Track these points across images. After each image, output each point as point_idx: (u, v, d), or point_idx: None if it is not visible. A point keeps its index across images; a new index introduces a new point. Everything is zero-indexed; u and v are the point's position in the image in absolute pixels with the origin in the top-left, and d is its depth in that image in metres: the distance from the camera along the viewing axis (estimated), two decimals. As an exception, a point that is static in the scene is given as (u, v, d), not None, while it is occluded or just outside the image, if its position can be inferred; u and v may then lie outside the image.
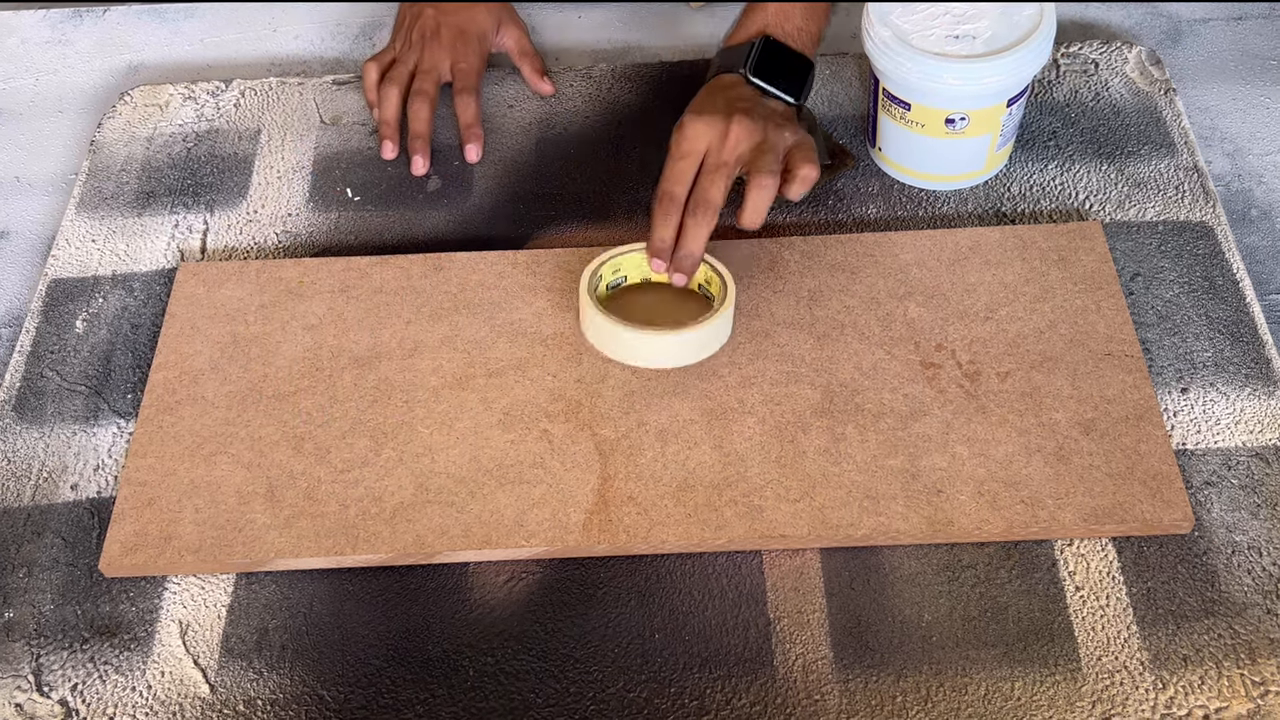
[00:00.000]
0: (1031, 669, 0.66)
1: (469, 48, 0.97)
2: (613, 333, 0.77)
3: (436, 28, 0.97)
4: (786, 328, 0.79)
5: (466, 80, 0.95)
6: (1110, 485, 0.71)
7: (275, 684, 0.68)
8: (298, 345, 0.80)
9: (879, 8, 0.84)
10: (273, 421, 0.76)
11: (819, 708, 0.66)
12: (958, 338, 0.78)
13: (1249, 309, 0.81)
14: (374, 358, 0.79)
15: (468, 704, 0.67)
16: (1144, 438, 0.73)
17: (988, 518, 0.70)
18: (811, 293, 0.81)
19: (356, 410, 0.77)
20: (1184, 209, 0.87)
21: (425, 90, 0.94)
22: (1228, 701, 0.65)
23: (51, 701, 0.68)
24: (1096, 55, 0.97)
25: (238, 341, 0.81)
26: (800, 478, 0.72)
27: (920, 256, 0.83)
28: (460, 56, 0.96)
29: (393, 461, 0.74)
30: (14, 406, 0.81)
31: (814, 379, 0.77)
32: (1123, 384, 0.75)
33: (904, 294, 0.81)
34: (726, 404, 0.76)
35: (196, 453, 0.75)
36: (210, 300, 0.83)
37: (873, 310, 0.80)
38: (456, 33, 0.97)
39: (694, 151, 0.79)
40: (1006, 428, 0.74)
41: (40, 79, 1.06)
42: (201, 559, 0.71)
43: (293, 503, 0.73)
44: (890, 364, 0.77)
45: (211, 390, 0.78)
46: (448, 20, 0.97)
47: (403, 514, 0.72)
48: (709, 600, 0.70)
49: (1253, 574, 0.69)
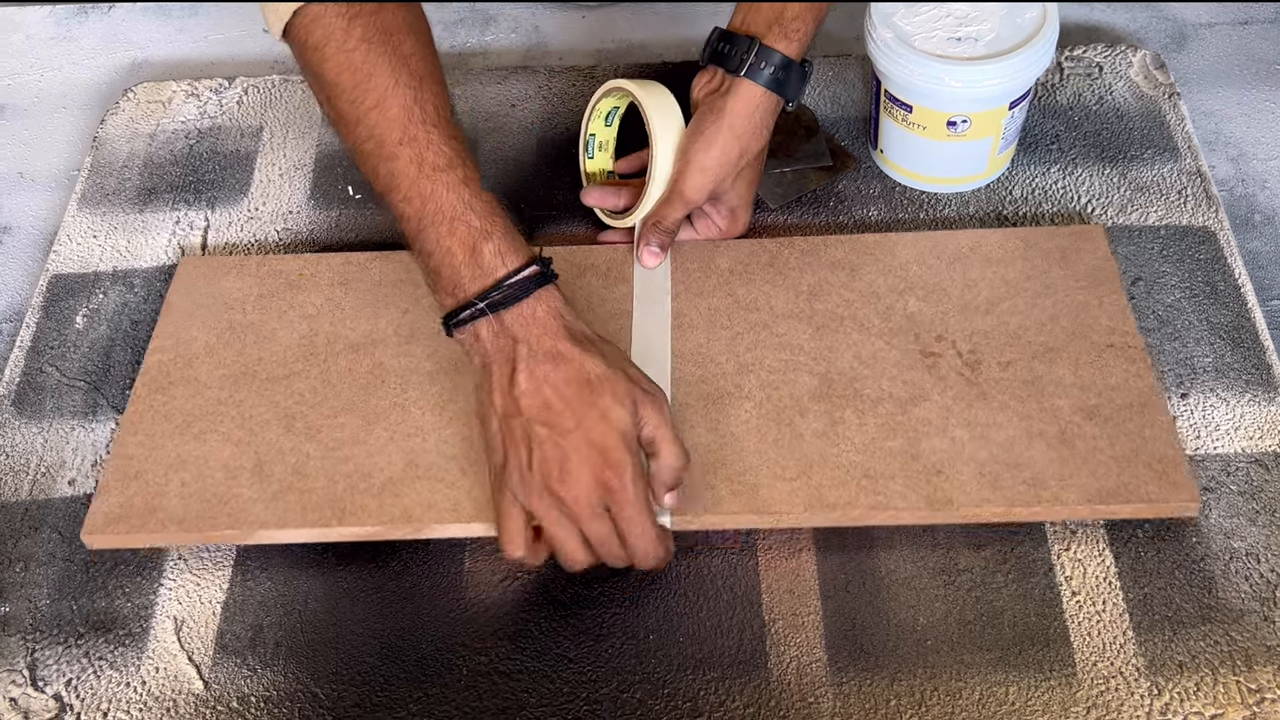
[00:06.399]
0: (1027, 674, 0.66)
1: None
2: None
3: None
4: (785, 319, 0.79)
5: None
6: (1115, 467, 0.70)
7: (269, 681, 0.68)
8: (294, 332, 0.81)
9: (881, 9, 0.84)
10: (265, 402, 0.77)
11: (813, 711, 0.65)
12: (958, 330, 0.78)
13: (1250, 314, 0.80)
14: (370, 343, 0.79)
15: (461, 703, 0.67)
16: (1148, 423, 0.72)
17: (988, 496, 0.69)
18: (811, 288, 0.81)
19: (350, 392, 0.77)
20: (1187, 214, 0.86)
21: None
22: (1223, 708, 0.64)
23: (46, 696, 0.68)
24: (1100, 58, 0.97)
25: (234, 328, 0.81)
26: (797, 458, 0.72)
27: (921, 255, 0.82)
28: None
29: (384, 440, 0.74)
30: (13, 401, 0.81)
31: (812, 366, 0.76)
32: (1125, 373, 0.75)
33: (904, 289, 0.80)
34: (723, 389, 0.76)
35: (186, 430, 0.75)
36: (210, 291, 0.84)
37: (872, 304, 0.80)
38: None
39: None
40: (1008, 413, 0.73)
41: (44, 75, 1.07)
42: (185, 530, 0.71)
43: (280, 478, 0.73)
44: (889, 353, 0.77)
45: (205, 372, 0.79)
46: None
47: (391, 489, 0.72)
48: (704, 601, 0.70)
49: (1250, 580, 0.69)
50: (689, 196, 0.80)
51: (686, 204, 0.80)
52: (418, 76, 0.68)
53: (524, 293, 0.66)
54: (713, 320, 0.79)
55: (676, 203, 0.80)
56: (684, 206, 0.80)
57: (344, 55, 0.68)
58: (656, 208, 0.81)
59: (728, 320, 0.79)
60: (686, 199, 0.80)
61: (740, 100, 0.78)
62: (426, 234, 0.67)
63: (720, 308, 0.80)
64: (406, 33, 0.69)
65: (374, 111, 0.68)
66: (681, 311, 0.80)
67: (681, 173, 0.79)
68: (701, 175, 0.79)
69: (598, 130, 0.87)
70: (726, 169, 0.79)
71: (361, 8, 0.68)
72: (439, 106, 0.69)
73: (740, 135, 0.78)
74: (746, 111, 0.78)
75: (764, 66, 0.77)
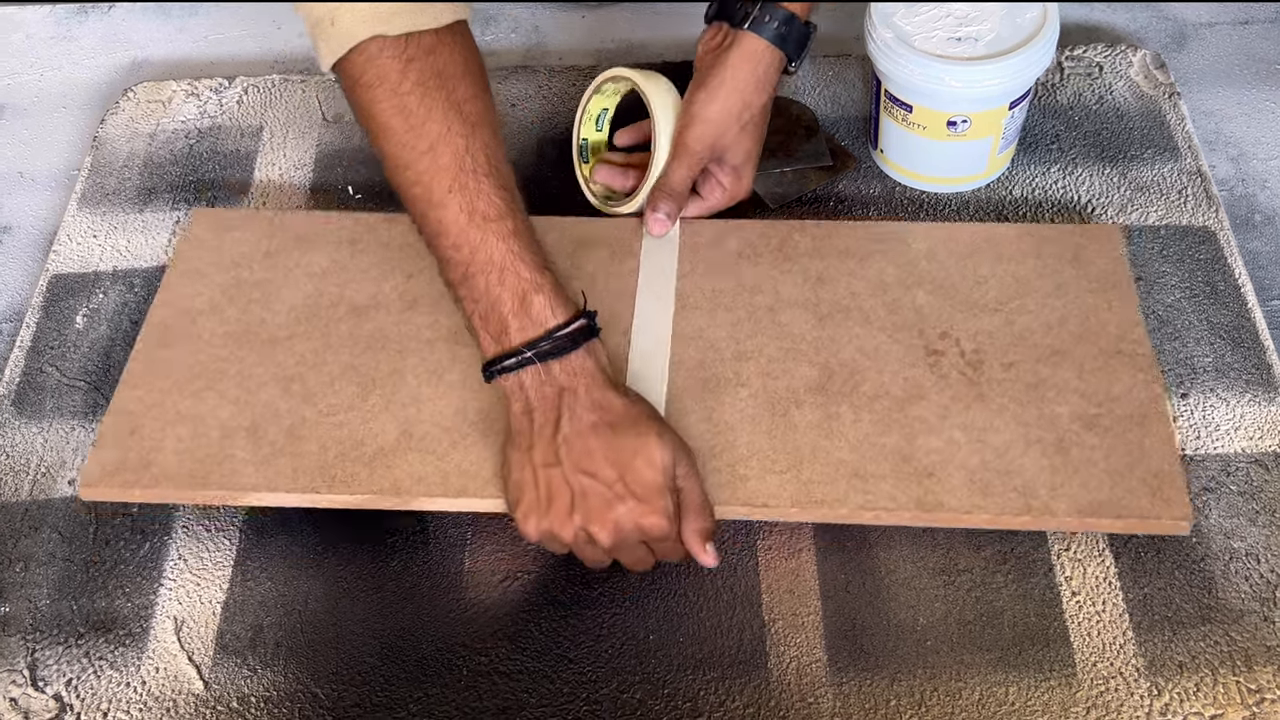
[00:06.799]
0: (1026, 674, 0.66)
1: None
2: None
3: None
4: (790, 306, 0.79)
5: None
6: (1108, 480, 0.70)
7: (269, 681, 0.68)
8: (298, 292, 0.81)
9: (882, 9, 0.84)
10: (265, 362, 0.77)
11: (813, 711, 0.65)
12: (964, 327, 0.77)
13: (1251, 314, 0.80)
14: (372, 307, 0.80)
15: (461, 703, 0.67)
16: (1149, 435, 0.71)
17: (978, 503, 0.69)
18: (819, 275, 0.81)
19: (349, 356, 0.77)
20: (1187, 213, 0.86)
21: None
22: (1223, 709, 0.64)
23: (46, 696, 0.68)
24: (1101, 58, 0.97)
25: (240, 284, 0.82)
26: (789, 450, 0.72)
27: (932, 247, 0.82)
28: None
29: (378, 407, 0.74)
30: (13, 401, 0.81)
31: (813, 357, 0.76)
32: (1132, 381, 0.74)
33: (913, 283, 0.80)
34: (721, 375, 0.76)
35: (185, 387, 0.76)
36: (217, 245, 0.84)
37: (879, 296, 0.79)
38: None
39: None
40: (1006, 416, 0.73)
41: (44, 75, 1.07)
42: (178, 487, 0.72)
43: (274, 440, 0.73)
44: (892, 348, 0.76)
45: (208, 330, 0.79)
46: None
47: (382, 458, 0.72)
48: (704, 602, 0.70)
49: (1250, 581, 0.69)
50: (692, 148, 0.79)
51: (690, 157, 0.80)
52: (470, 124, 0.67)
53: (573, 345, 0.67)
54: (716, 302, 0.79)
55: (681, 158, 0.80)
56: (688, 161, 0.80)
57: (398, 98, 0.67)
58: (663, 172, 0.81)
59: (731, 303, 0.79)
60: (690, 151, 0.80)
61: (743, 53, 0.78)
62: (475, 280, 0.67)
63: (725, 289, 0.80)
64: (461, 77, 0.68)
65: (425, 157, 0.67)
66: (686, 292, 0.80)
67: (684, 126, 0.79)
68: (703, 126, 0.79)
69: (589, 135, 0.88)
70: (728, 121, 0.79)
71: (418, 49, 0.67)
72: (491, 155, 0.68)
73: (742, 88, 0.78)
74: (749, 65, 0.78)
75: (768, 20, 0.77)
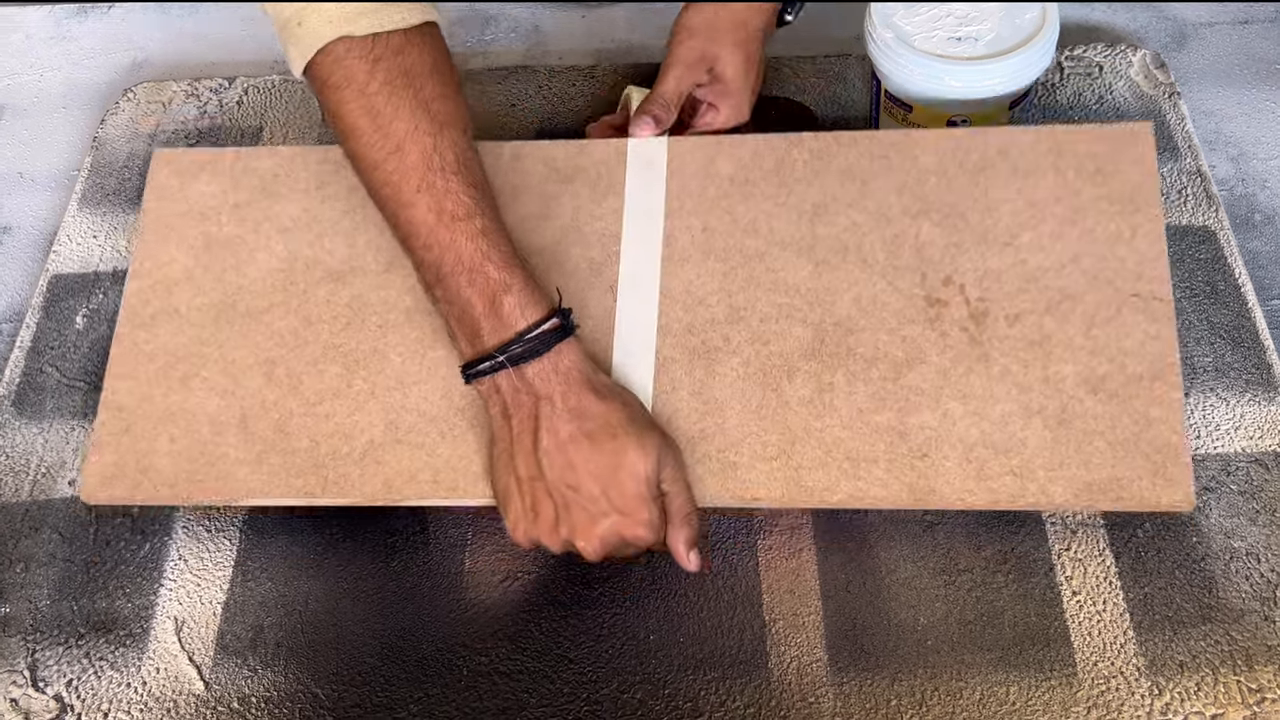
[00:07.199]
0: (1027, 674, 0.66)
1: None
2: None
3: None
4: (784, 249, 0.75)
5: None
6: (1110, 456, 0.68)
7: (270, 681, 0.68)
8: (271, 255, 0.79)
9: (881, 9, 0.84)
10: (246, 343, 0.76)
11: (813, 711, 0.65)
12: (970, 269, 0.73)
13: (1251, 314, 0.80)
14: (349, 271, 0.78)
15: (461, 703, 0.67)
16: (1156, 400, 0.69)
17: (972, 489, 0.68)
18: (816, 207, 0.76)
19: (329, 334, 0.76)
20: (1187, 213, 0.86)
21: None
22: (1224, 708, 0.64)
23: (46, 697, 0.68)
24: (1101, 58, 0.97)
25: (211, 245, 0.80)
26: (780, 431, 0.70)
27: (941, 162, 0.76)
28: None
29: (364, 395, 0.74)
30: (13, 402, 0.81)
31: (807, 314, 0.73)
32: (1144, 334, 0.70)
33: (918, 211, 0.75)
34: (711, 341, 0.73)
35: (171, 374, 0.76)
36: (184, 195, 0.82)
37: (881, 230, 0.75)
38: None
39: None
40: (1007, 383, 0.70)
41: (44, 75, 1.07)
42: (177, 493, 0.72)
43: (264, 436, 0.73)
44: (892, 298, 0.73)
45: (185, 303, 0.78)
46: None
47: (372, 454, 0.72)
48: (704, 601, 0.70)
49: (1250, 580, 0.69)
50: (681, 55, 0.78)
51: (679, 65, 0.79)
52: (439, 122, 0.67)
53: (545, 346, 0.66)
54: (707, 248, 0.76)
55: (672, 66, 0.79)
56: (678, 70, 0.79)
57: (365, 99, 0.66)
58: (654, 83, 0.80)
59: (723, 249, 0.75)
60: (678, 59, 0.78)
61: None
62: (446, 283, 0.67)
63: (716, 229, 0.76)
64: (429, 76, 0.68)
65: (393, 157, 0.66)
66: (674, 234, 0.76)
67: (672, 38, 0.79)
68: (689, 35, 0.78)
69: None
70: (718, 32, 0.78)
71: (385, 49, 0.66)
72: (459, 153, 0.67)
73: (733, 5, 0.77)
74: None
75: None
